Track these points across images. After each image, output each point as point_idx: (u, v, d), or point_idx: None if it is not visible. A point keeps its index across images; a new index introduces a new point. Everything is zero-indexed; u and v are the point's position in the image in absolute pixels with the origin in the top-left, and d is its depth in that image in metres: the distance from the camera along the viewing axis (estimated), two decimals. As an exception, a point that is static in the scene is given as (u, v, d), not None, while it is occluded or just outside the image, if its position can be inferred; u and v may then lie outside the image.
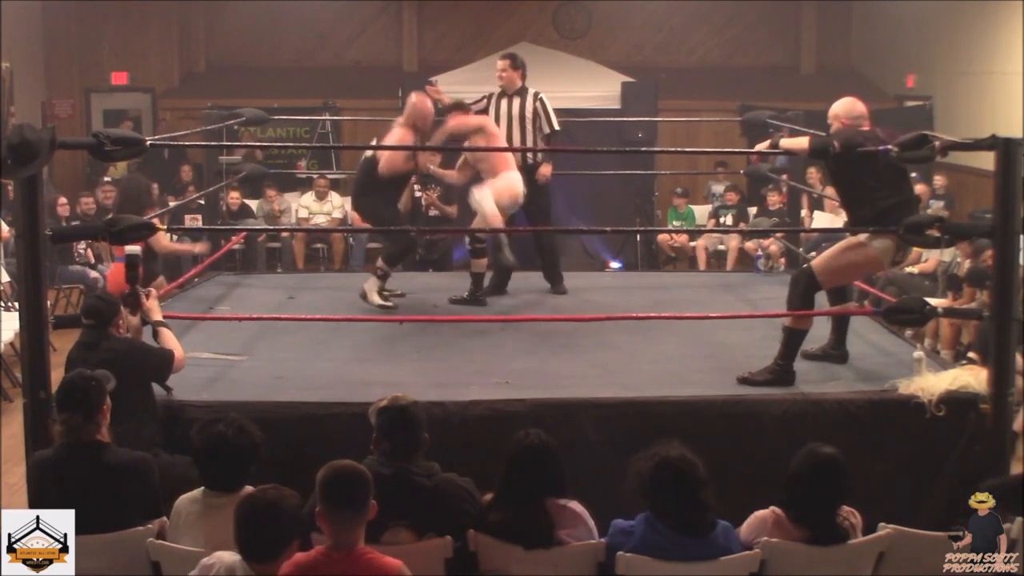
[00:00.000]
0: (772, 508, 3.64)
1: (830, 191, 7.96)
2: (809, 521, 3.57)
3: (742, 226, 11.17)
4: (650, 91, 11.70)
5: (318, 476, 3.16)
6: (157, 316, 4.69)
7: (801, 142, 5.08)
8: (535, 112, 6.91)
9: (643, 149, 10.78)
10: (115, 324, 4.41)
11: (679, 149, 12.26)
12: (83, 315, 4.45)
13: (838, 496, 3.60)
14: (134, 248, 4.80)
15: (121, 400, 3.90)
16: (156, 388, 4.47)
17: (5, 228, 8.31)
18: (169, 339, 4.59)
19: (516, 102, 6.93)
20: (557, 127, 6.99)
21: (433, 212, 10.38)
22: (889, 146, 4.77)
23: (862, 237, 4.97)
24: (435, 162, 10.57)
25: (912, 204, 5.06)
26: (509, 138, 6.86)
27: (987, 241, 5.35)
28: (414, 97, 6.44)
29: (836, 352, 5.32)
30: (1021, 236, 4.57)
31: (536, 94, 6.98)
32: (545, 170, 6.97)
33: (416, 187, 10.46)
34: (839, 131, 4.99)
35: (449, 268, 10.02)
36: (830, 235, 7.40)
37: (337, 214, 11.75)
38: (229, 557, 3.07)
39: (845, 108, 5.12)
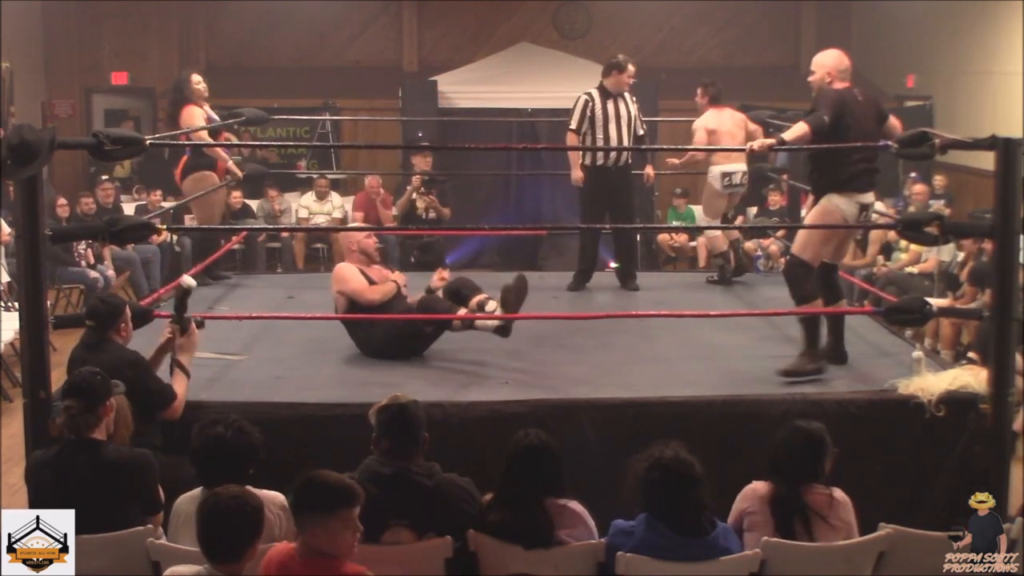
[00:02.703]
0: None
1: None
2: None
3: (740, 220, 11.14)
4: (650, 91, 11.68)
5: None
6: (183, 357, 4.52)
7: (801, 129, 4.94)
8: (635, 114, 7.24)
9: (643, 148, 10.76)
10: (117, 328, 4.38)
11: (679, 147, 12.23)
12: (86, 316, 4.44)
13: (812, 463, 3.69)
14: (190, 281, 4.71)
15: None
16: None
17: (5, 228, 8.31)
18: (180, 384, 4.45)
19: (621, 104, 7.21)
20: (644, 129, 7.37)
21: (431, 215, 10.44)
22: (887, 137, 4.80)
23: (822, 201, 5.04)
24: (428, 163, 10.66)
25: (874, 174, 5.09)
26: (619, 137, 7.15)
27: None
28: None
29: (835, 353, 5.31)
30: (1021, 236, 4.58)
31: (632, 97, 7.29)
32: (650, 170, 7.77)
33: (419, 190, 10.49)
34: (819, 99, 4.96)
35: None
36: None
37: (337, 214, 11.73)
38: (188, 569, 3.04)
39: (834, 60, 5.10)
